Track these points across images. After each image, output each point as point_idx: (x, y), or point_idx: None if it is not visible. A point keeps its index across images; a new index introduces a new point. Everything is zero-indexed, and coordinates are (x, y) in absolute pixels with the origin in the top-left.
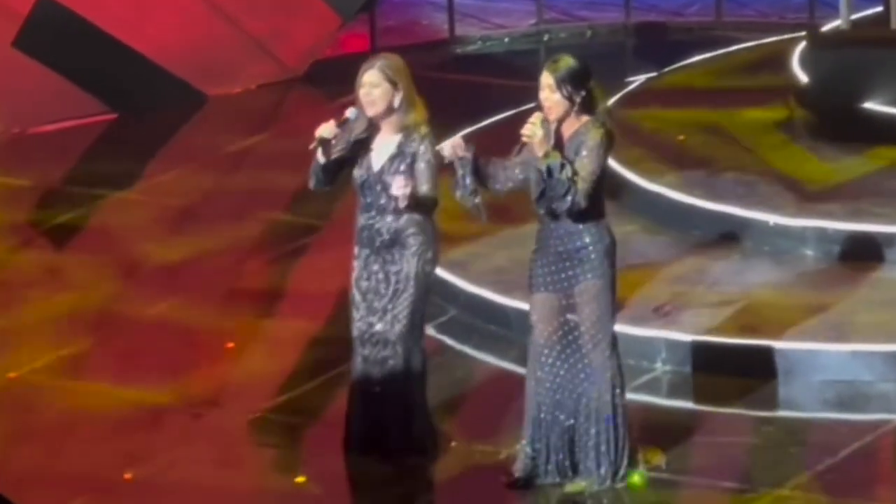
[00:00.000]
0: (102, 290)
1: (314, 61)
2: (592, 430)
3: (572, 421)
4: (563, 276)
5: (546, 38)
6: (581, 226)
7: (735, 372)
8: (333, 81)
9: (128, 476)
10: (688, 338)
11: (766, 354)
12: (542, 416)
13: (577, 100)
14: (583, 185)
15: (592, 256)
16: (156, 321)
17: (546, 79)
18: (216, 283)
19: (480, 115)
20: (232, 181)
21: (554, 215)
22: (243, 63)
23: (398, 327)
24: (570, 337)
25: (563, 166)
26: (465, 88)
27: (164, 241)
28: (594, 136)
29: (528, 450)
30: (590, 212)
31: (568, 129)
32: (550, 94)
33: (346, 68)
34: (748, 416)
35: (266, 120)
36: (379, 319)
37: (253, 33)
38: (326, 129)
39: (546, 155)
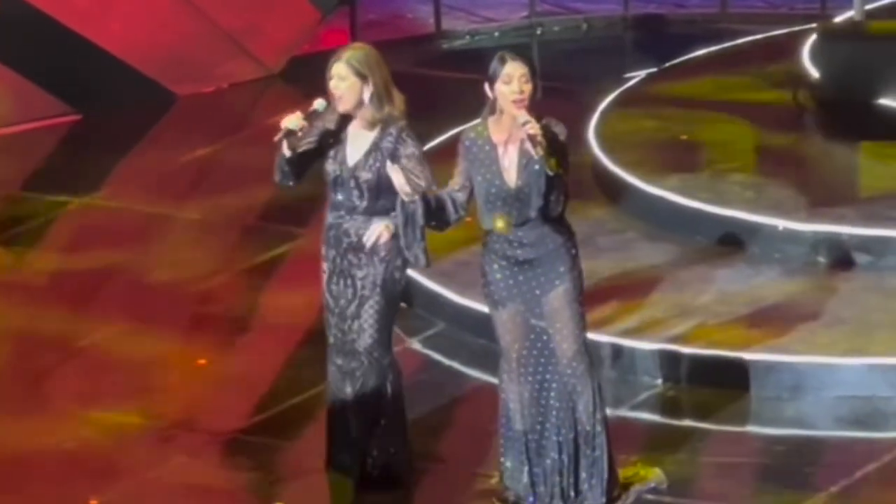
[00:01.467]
0: (66, 304)
1: (291, 58)
2: (584, 448)
3: (573, 434)
4: (525, 287)
5: (539, 31)
6: (548, 226)
7: (743, 388)
8: (312, 79)
9: (94, 503)
10: (692, 351)
11: (777, 369)
12: (542, 438)
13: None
14: (565, 179)
15: (563, 258)
16: (123, 337)
17: (519, 69)
18: (187, 294)
19: (468, 115)
20: (203, 186)
21: (527, 220)
22: (216, 60)
23: (365, 337)
24: (539, 345)
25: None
26: (452, 86)
27: (132, 249)
28: (560, 132)
29: (526, 474)
30: (555, 211)
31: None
32: (525, 84)
33: (325, 65)
34: (757, 435)
35: (240, 120)
36: (349, 328)
37: (226, 28)
38: (292, 121)
39: (549, 154)
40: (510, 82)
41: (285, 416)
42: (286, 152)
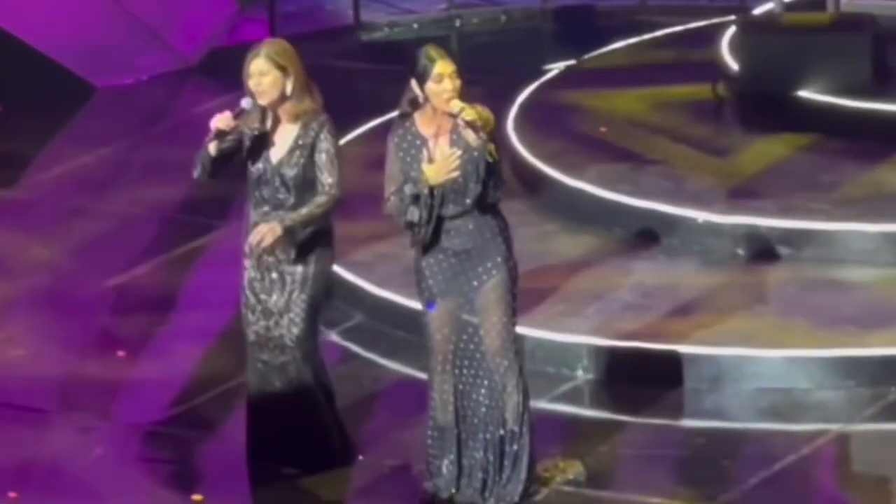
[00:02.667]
0: None
1: (210, 50)
2: (508, 446)
3: (501, 432)
4: (461, 279)
5: (458, 23)
6: (485, 216)
7: (662, 380)
8: (230, 71)
9: (12, 495)
10: (611, 344)
11: (697, 361)
12: (469, 431)
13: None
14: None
15: (500, 248)
16: (42, 328)
17: (448, 67)
18: (106, 286)
19: (388, 107)
20: (121, 178)
21: (461, 211)
22: (134, 52)
23: (295, 331)
24: (476, 340)
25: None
26: (371, 78)
27: (49, 244)
28: (492, 117)
29: (451, 468)
30: (486, 202)
31: (449, 122)
32: (454, 81)
33: (242, 57)
34: (676, 427)
35: (159, 112)
36: (276, 323)
37: (145, 20)
38: (223, 121)
39: (490, 139)
40: (441, 81)
41: (204, 408)
42: (211, 150)
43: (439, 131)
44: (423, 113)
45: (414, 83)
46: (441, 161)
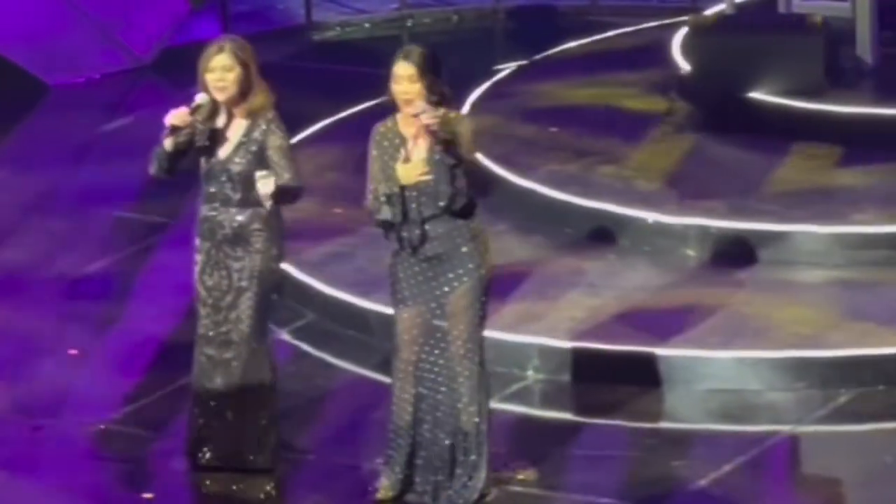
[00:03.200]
0: None
1: (162, 49)
2: (464, 451)
3: (449, 441)
4: (433, 283)
5: (409, 23)
6: (456, 221)
7: (613, 380)
8: (183, 70)
9: None
10: (561, 344)
11: (647, 362)
12: (412, 428)
13: (436, 91)
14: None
15: (472, 255)
16: None
17: (405, 69)
18: (57, 285)
19: (339, 106)
20: (74, 176)
21: (433, 216)
22: (87, 50)
23: (242, 328)
24: (443, 345)
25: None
26: (323, 77)
27: (1, 240)
28: (468, 126)
29: (401, 468)
30: (466, 209)
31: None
32: (411, 85)
33: (195, 56)
34: (627, 428)
35: (111, 111)
36: (224, 318)
37: (97, 19)
38: (179, 117)
39: (451, 143)
40: (399, 83)
41: (155, 407)
42: (167, 146)
43: (419, 132)
44: (405, 112)
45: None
46: (414, 162)
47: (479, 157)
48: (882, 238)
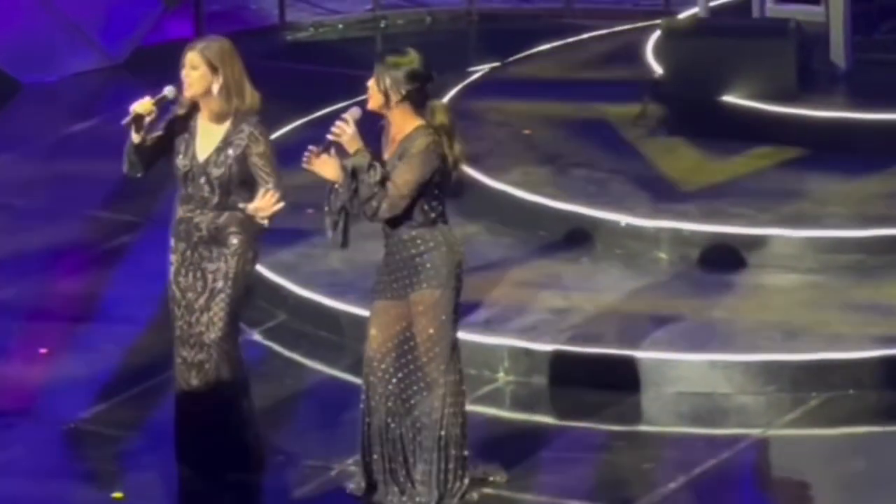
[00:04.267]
0: None
1: (135, 48)
2: (422, 449)
3: (401, 431)
4: (401, 283)
5: (383, 24)
6: (413, 233)
7: (584, 383)
8: (156, 69)
9: None
10: (533, 346)
11: (618, 365)
12: (377, 425)
13: (396, 96)
14: (395, 192)
15: (428, 266)
16: None
17: (371, 80)
18: (29, 283)
19: (313, 107)
20: (46, 175)
21: (392, 222)
22: (60, 49)
23: (214, 330)
24: (407, 347)
25: (370, 167)
26: (296, 78)
27: None
28: (419, 144)
29: (363, 462)
30: (417, 219)
31: (399, 133)
32: (371, 88)
33: (168, 56)
34: (597, 431)
35: (84, 110)
36: (196, 320)
37: (71, 18)
38: (142, 105)
39: (354, 153)
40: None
41: (127, 406)
42: (134, 139)
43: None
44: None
45: None
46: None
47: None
48: (854, 242)
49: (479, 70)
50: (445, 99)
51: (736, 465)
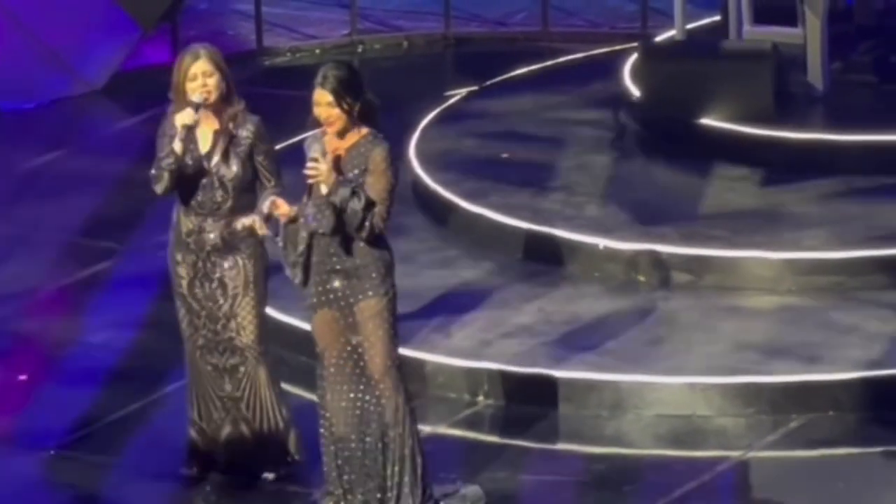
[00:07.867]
0: None
1: (113, 74)
2: (389, 466)
3: (394, 450)
4: (340, 294)
5: (360, 49)
6: (358, 242)
7: (562, 406)
8: (134, 94)
9: None
10: (512, 369)
11: (597, 387)
12: (356, 448)
13: (357, 109)
14: (379, 208)
15: (373, 275)
16: None
17: (322, 96)
18: (7, 311)
19: (290, 132)
20: (24, 201)
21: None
22: (38, 75)
23: (245, 334)
24: (356, 356)
25: (353, 194)
26: (273, 102)
27: None
28: (379, 155)
29: (336, 490)
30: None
31: (347, 142)
32: (330, 109)
33: (147, 81)
34: (577, 453)
35: (62, 136)
36: (223, 327)
37: (48, 44)
38: (188, 116)
39: (333, 192)
40: (318, 108)
41: (105, 432)
42: (177, 149)
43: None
44: (330, 132)
45: None
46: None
47: (430, 182)
48: (831, 264)
49: (456, 94)
50: (423, 123)
51: (716, 488)
